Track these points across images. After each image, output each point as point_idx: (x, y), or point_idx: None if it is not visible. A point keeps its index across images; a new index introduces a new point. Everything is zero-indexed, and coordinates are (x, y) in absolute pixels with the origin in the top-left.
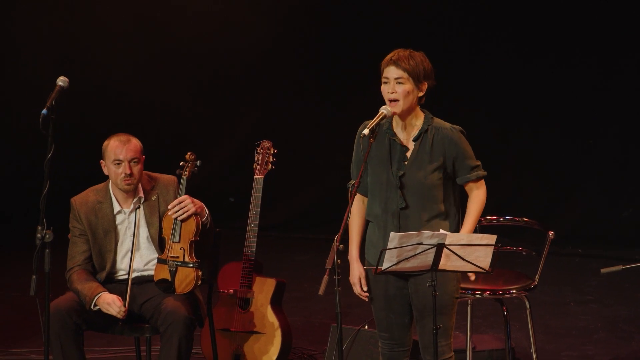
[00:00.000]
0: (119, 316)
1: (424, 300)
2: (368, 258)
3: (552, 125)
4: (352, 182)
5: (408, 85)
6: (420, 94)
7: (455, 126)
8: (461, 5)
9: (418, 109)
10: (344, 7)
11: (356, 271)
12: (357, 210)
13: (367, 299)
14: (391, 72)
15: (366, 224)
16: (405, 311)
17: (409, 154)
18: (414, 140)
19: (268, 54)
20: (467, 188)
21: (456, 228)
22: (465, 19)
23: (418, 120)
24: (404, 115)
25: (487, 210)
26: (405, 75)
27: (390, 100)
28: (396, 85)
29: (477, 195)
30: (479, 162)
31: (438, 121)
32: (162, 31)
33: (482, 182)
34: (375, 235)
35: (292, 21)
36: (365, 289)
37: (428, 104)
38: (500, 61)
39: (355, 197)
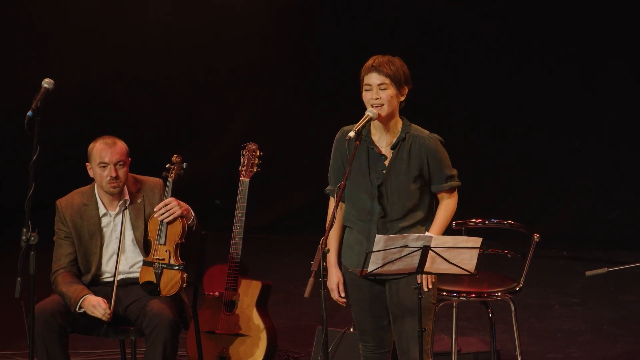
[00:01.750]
0: (104, 318)
1: (401, 303)
2: (345, 262)
3: (539, 129)
4: (330, 187)
5: (391, 90)
6: (402, 99)
7: (433, 134)
8: (453, 10)
9: (397, 114)
10: (336, 13)
11: (334, 277)
12: (336, 215)
13: (344, 305)
14: (373, 79)
15: (343, 229)
16: (384, 314)
17: (387, 163)
18: (392, 149)
19: (258, 58)
20: (439, 196)
21: None
22: (456, 23)
23: (397, 127)
24: (386, 120)
25: (473, 212)
26: (387, 80)
27: (374, 106)
28: (380, 91)
29: (448, 204)
30: (454, 172)
31: (416, 128)
32: (150, 32)
33: (455, 192)
34: (353, 238)
35: (284, 24)
36: (343, 294)
37: (418, 108)
38: (491, 65)
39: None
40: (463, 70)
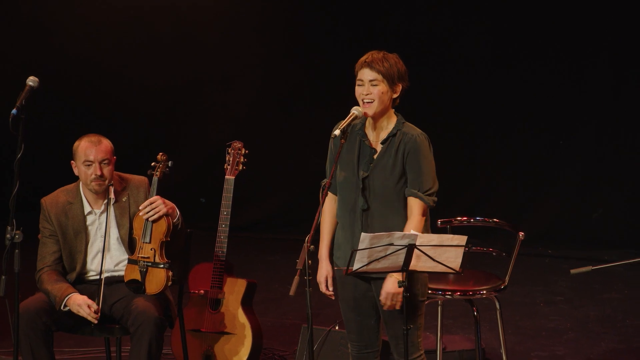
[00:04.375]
0: (91, 320)
1: None
2: (335, 260)
3: (523, 126)
4: (325, 180)
5: (382, 87)
6: (395, 96)
7: (424, 134)
8: (430, 9)
9: (392, 111)
10: (323, 13)
11: (323, 270)
12: (328, 209)
13: (332, 297)
14: (365, 74)
15: (336, 224)
16: (372, 313)
17: (376, 156)
18: (382, 143)
19: (241, 56)
20: (408, 204)
21: None
22: (434, 22)
23: (390, 123)
24: (378, 116)
25: (458, 211)
26: (379, 77)
27: (365, 102)
28: (371, 87)
29: (411, 222)
30: (431, 186)
31: (409, 126)
32: (136, 30)
33: (423, 209)
34: (341, 236)
35: (269, 24)
36: (331, 288)
37: (402, 106)
38: (474, 64)
39: (328, 196)
40: (447, 68)
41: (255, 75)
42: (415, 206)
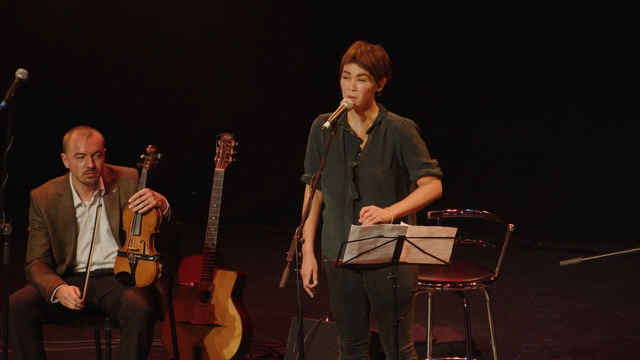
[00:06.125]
0: (75, 309)
1: (381, 293)
2: (324, 252)
3: (512, 118)
4: (306, 175)
5: (368, 84)
6: (379, 90)
7: (407, 119)
8: (424, 4)
9: (374, 102)
10: (312, 7)
11: (309, 264)
12: (312, 204)
13: (312, 293)
14: (353, 69)
15: (320, 218)
16: (362, 306)
17: (362, 146)
18: (367, 133)
19: (229, 48)
20: (418, 183)
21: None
22: (428, 16)
23: (373, 113)
24: (360, 109)
25: (447, 203)
26: (367, 73)
27: (350, 97)
28: (357, 82)
29: (425, 186)
30: (433, 160)
31: (392, 115)
32: (126, 23)
33: (437, 181)
34: (331, 227)
35: (259, 16)
36: (315, 282)
37: (386, 98)
38: (463, 55)
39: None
40: (435, 59)
41: (247, 69)
42: (425, 180)
